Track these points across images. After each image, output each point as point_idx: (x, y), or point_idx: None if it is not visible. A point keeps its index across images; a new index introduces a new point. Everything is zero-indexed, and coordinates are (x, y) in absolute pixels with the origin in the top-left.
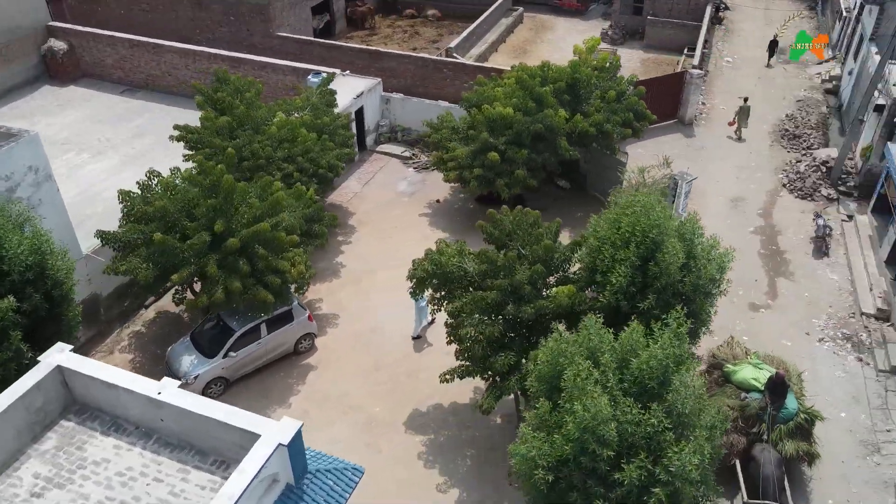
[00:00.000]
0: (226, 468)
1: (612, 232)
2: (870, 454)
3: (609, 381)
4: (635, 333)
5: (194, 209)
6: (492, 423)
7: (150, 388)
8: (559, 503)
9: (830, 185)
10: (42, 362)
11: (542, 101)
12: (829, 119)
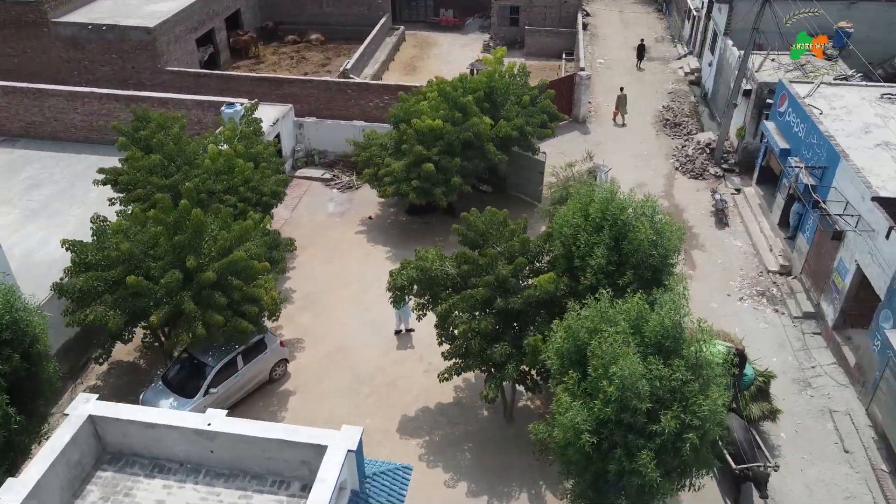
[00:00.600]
0: (287, 487)
1: (581, 220)
2: (803, 389)
3: (630, 344)
4: (640, 301)
5: (155, 248)
6: (480, 417)
7: (197, 420)
8: (601, 466)
9: (715, 164)
10: (72, 415)
11: (466, 111)
12: (699, 107)
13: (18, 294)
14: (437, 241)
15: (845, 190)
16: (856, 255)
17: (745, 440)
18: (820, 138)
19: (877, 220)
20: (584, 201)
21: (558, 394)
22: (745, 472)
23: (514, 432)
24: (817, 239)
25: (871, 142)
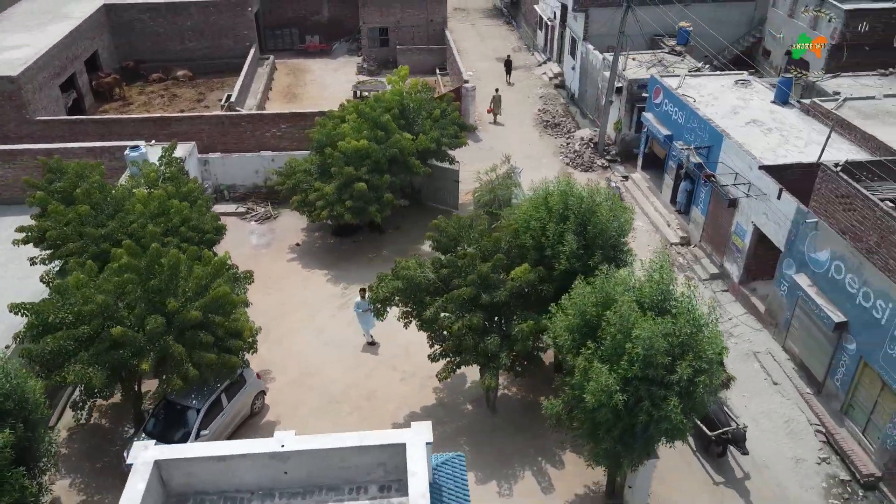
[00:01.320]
0: (365, 491)
1: (544, 213)
2: (727, 339)
3: (635, 310)
4: (630, 273)
5: (125, 296)
6: (466, 412)
7: (269, 444)
8: (629, 420)
9: (600, 157)
10: (136, 464)
11: (387, 129)
12: (570, 107)
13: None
14: (369, 257)
15: (732, 163)
16: (752, 218)
17: (716, 407)
18: (700, 122)
19: (767, 185)
20: (540, 197)
21: (579, 364)
22: (722, 436)
23: (501, 420)
24: (712, 209)
25: (741, 121)
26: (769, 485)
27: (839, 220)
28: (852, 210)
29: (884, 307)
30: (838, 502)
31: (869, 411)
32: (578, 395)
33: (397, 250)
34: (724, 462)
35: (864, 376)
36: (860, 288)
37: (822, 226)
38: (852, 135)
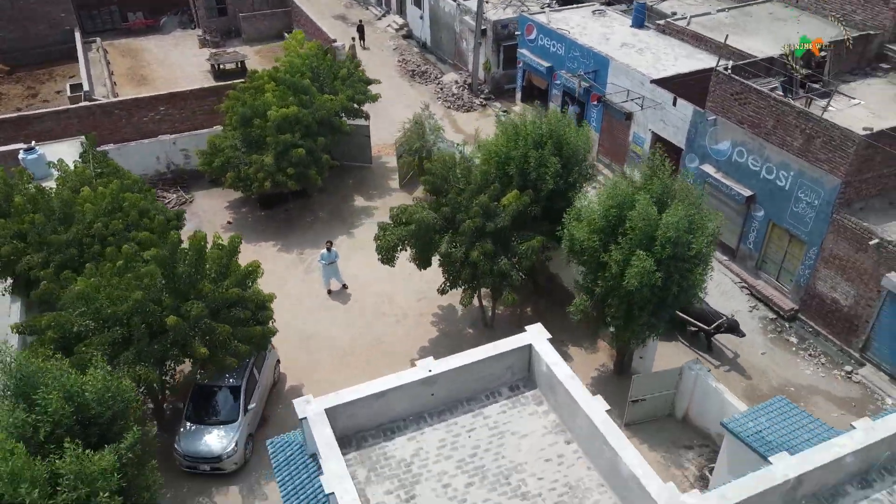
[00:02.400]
0: (499, 395)
1: (521, 143)
2: None
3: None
4: (633, 177)
5: (151, 288)
6: (468, 336)
7: (418, 373)
8: (662, 294)
9: (475, 96)
10: (310, 416)
11: (309, 92)
12: (425, 55)
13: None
14: (307, 221)
15: (621, 82)
16: (649, 126)
17: (706, 306)
18: (583, 51)
19: (661, 96)
20: (509, 132)
21: (615, 257)
22: (719, 327)
23: (500, 334)
24: (605, 126)
25: (615, 45)
26: (727, 335)
27: (736, 114)
28: (747, 104)
29: (786, 175)
30: (774, 335)
31: (780, 262)
32: (615, 284)
33: (332, 210)
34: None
35: (773, 235)
36: (763, 165)
37: (721, 121)
38: (708, 45)
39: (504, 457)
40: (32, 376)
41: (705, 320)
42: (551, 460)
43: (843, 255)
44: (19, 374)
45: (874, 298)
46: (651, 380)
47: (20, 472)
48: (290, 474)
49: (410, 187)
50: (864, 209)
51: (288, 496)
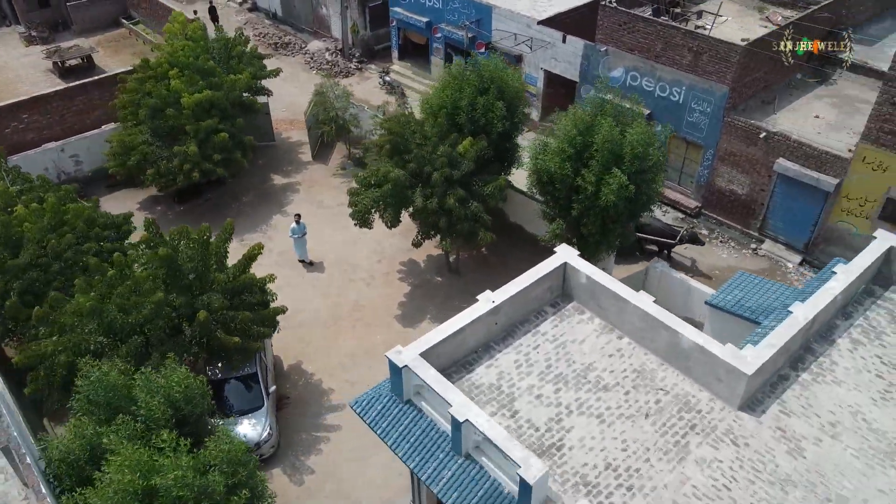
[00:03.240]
0: (544, 313)
1: (464, 92)
2: None
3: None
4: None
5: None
6: (438, 283)
7: (484, 306)
8: (633, 206)
9: (349, 60)
10: (410, 363)
11: (215, 74)
12: (279, 26)
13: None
14: (237, 206)
15: (507, 27)
16: (540, 65)
17: (662, 225)
18: (463, 1)
19: (550, 35)
20: (454, 84)
21: (588, 178)
22: (682, 240)
23: (466, 279)
24: (475, 47)
25: None
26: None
27: (625, 42)
28: (635, 31)
29: (679, 91)
30: (688, 234)
31: (680, 168)
32: (591, 203)
33: (255, 193)
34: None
35: (672, 145)
36: (656, 84)
37: (612, 51)
38: None
39: (574, 361)
40: (121, 389)
41: (667, 236)
42: (613, 355)
43: (736, 151)
44: (110, 388)
45: (767, 183)
46: None
47: (185, 475)
48: (391, 424)
49: (323, 158)
50: (745, 110)
51: (398, 444)
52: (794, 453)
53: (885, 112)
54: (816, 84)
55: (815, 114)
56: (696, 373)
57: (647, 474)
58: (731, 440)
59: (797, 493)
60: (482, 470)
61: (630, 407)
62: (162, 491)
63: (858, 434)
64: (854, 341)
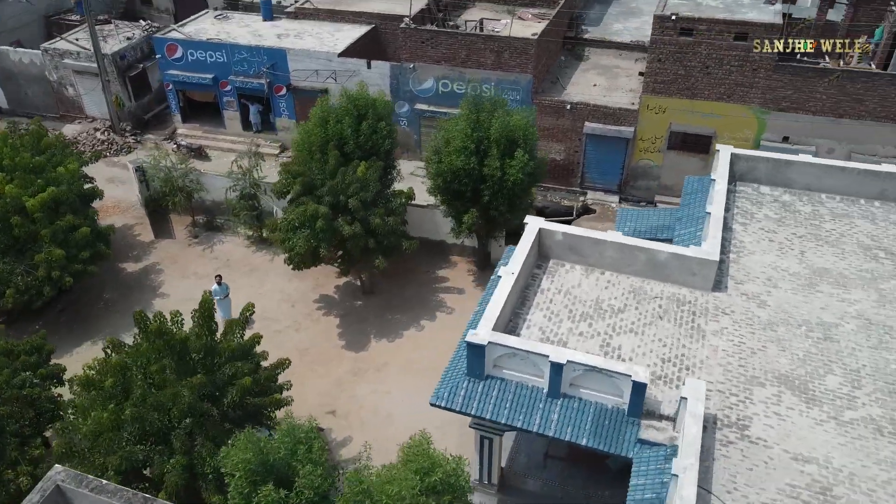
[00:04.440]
0: (539, 272)
1: (344, 124)
2: None
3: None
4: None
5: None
6: (363, 306)
7: (509, 279)
8: (530, 178)
9: (122, 135)
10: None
11: (43, 169)
12: (5, 117)
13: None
14: (100, 306)
15: (306, 66)
16: None
17: (557, 206)
18: (252, 51)
19: (354, 64)
20: (323, 117)
21: (491, 164)
22: (580, 213)
23: (384, 296)
24: (300, 109)
25: (271, 38)
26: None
27: (431, 56)
28: (439, 45)
29: (489, 87)
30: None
31: None
32: (498, 186)
33: (119, 285)
34: None
35: None
36: (467, 86)
37: (420, 66)
38: (342, 16)
39: (585, 301)
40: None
41: (565, 213)
42: (608, 286)
43: (549, 126)
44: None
45: (579, 145)
46: None
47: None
48: (482, 400)
49: (165, 233)
50: (543, 91)
51: (496, 413)
52: (762, 305)
53: (655, 68)
54: (577, 61)
55: (592, 83)
56: (674, 276)
57: (690, 355)
58: (722, 312)
59: (781, 328)
60: (582, 401)
61: (646, 316)
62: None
63: (787, 279)
64: (743, 221)
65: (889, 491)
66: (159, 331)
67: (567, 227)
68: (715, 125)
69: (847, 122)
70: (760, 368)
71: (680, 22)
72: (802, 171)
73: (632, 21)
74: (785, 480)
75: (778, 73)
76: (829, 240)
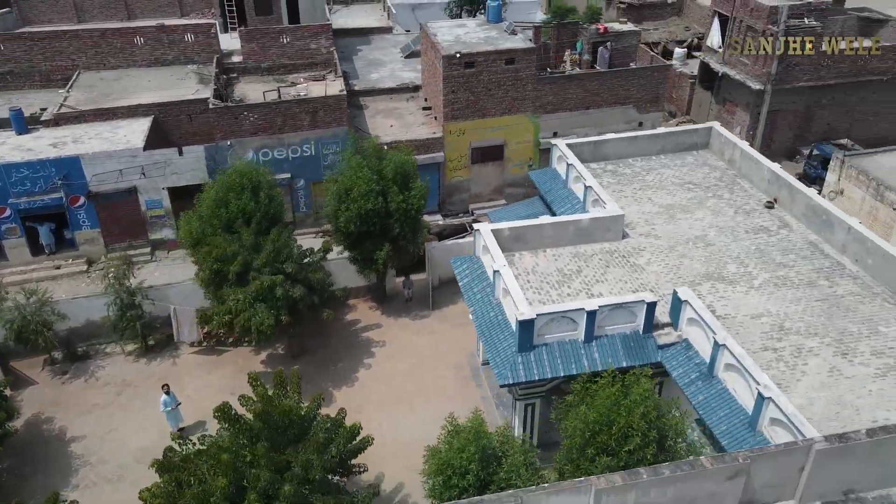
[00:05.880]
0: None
1: (242, 198)
2: None
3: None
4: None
5: None
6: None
7: (510, 271)
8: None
9: None
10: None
11: None
12: None
13: None
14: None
15: (107, 168)
16: (161, 186)
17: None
18: (32, 167)
19: (162, 154)
20: (221, 198)
21: (396, 199)
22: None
23: (320, 351)
24: (105, 216)
25: (44, 144)
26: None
27: (247, 130)
28: (248, 119)
29: (309, 147)
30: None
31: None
32: (404, 214)
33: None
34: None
35: (315, 190)
36: (287, 150)
37: (236, 142)
38: (117, 114)
39: (551, 274)
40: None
41: (459, 231)
42: (558, 258)
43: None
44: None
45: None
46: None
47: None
48: (538, 366)
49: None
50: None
51: (553, 371)
52: (657, 237)
53: (450, 99)
54: (360, 111)
55: (388, 125)
56: (596, 235)
57: (645, 281)
58: (638, 250)
59: (679, 248)
60: (610, 336)
61: (597, 269)
62: None
63: (655, 217)
64: (614, 183)
65: (809, 313)
66: (265, 411)
67: (507, 224)
68: (503, 135)
69: (592, 111)
70: (690, 275)
71: (464, 58)
72: (611, 146)
73: (381, 70)
74: (758, 332)
75: (540, 84)
76: (657, 186)
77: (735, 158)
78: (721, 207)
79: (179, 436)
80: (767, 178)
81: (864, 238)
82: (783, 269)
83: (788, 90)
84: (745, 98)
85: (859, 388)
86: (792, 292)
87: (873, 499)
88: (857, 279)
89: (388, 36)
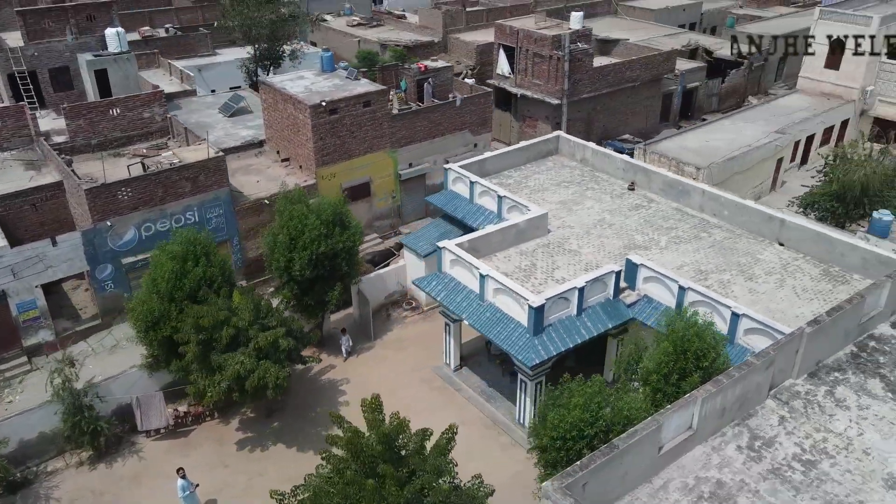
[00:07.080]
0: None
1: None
2: None
3: None
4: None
5: None
6: (275, 427)
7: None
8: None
9: None
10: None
11: None
12: None
13: None
14: None
15: None
16: (35, 284)
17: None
18: None
19: (33, 248)
20: (179, 268)
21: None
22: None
23: (284, 414)
24: None
25: None
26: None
27: (126, 206)
28: (119, 195)
29: (192, 214)
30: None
31: None
32: (333, 252)
33: None
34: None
35: None
36: (171, 220)
37: (115, 220)
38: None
39: (538, 265)
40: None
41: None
42: (516, 261)
43: (255, 223)
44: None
45: None
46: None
47: None
48: (553, 343)
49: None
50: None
51: (564, 345)
52: (572, 227)
53: (320, 146)
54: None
55: (255, 181)
56: (530, 234)
57: (589, 262)
58: (566, 239)
59: (596, 230)
60: (592, 306)
61: (545, 260)
62: None
63: (563, 211)
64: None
65: (710, 257)
66: (386, 434)
67: (467, 237)
68: (368, 172)
69: (437, 140)
70: (614, 249)
71: (328, 105)
72: (491, 162)
73: (215, 132)
74: (688, 278)
75: (394, 121)
76: (541, 188)
77: (587, 157)
78: (600, 196)
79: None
80: (622, 167)
81: (715, 196)
82: (672, 232)
83: (576, 101)
84: (544, 112)
85: (773, 298)
86: (687, 245)
87: (832, 362)
88: (722, 228)
89: (195, 98)
